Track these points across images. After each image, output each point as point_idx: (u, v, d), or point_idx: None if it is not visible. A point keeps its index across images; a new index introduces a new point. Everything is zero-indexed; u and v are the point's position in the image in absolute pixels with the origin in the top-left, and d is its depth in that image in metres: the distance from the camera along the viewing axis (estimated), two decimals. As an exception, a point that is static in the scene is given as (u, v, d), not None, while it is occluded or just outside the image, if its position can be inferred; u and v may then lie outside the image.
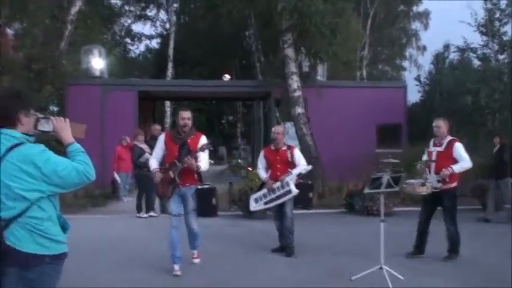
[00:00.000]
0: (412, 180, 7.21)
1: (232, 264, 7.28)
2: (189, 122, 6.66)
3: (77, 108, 16.50)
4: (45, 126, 3.12)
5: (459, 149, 7.24)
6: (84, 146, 3.14)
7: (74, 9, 19.22)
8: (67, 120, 3.19)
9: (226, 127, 44.83)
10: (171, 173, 6.51)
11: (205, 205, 6.20)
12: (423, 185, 7.08)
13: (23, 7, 16.90)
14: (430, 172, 7.29)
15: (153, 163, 6.81)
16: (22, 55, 15.92)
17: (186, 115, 6.67)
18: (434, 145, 7.44)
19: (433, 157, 7.31)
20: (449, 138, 7.39)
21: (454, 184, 7.27)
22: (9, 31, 17.46)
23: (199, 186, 6.77)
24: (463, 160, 7.21)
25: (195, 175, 6.69)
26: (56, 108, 20.24)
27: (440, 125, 7.38)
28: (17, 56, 15.25)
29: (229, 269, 7.02)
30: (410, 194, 7.29)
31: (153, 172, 6.74)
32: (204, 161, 6.58)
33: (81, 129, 3.36)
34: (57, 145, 3.17)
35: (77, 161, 2.98)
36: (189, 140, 6.60)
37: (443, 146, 7.30)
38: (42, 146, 2.95)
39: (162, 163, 6.89)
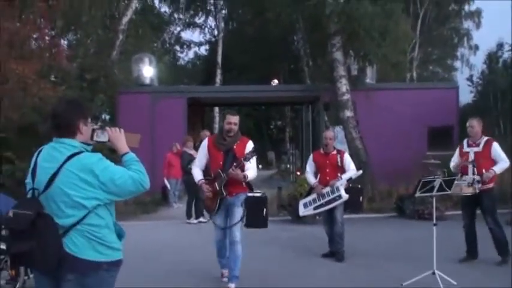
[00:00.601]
0: (459, 182, 7.05)
1: (282, 268, 7.27)
2: (235, 127, 6.08)
3: (127, 116, 16.85)
4: (100, 137, 3.22)
5: (497, 149, 7.13)
6: (135, 153, 3.21)
7: (125, 19, 19.68)
8: (122, 130, 3.28)
9: (275, 132, 44.85)
10: (216, 185, 5.95)
11: (256, 215, 5.72)
12: (470, 185, 6.93)
13: (76, 18, 17.41)
14: (467, 173, 7.10)
15: (197, 173, 6.24)
16: (76, 65, 16.39)
17: (233, 120, 6.10)
18: (469, 145, 7.28)
19: (470, 158, 7.13)
20: (485, 138, 7.27)
21: (492, 184, 7.13)
22: (64, 42, 18.02)
23: (249, 194, 6.20)
24: (502, 160, 7.10)
25: (243, 183, 6.10)
26: (107, 117, 20.75)
27: (474, 124, 7.24)
28: (70, 66, 15.71)
29: (280, 273, 7.00)
30: (457, 195, 7.14)
31: (198, 184, 6.20)
32: (251, 169, 6.00)
33: (136, 139, 3.42)
34: (109, 154, 3.24)
35: (132, 170, 3.06)
36: (234, 147, 6.04)
37: (481, 146, 7.15)
38: (99, 155, 3.03)
39: (206, 172, 6.31)
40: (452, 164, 7.46)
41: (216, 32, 34.82)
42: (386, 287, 6.15)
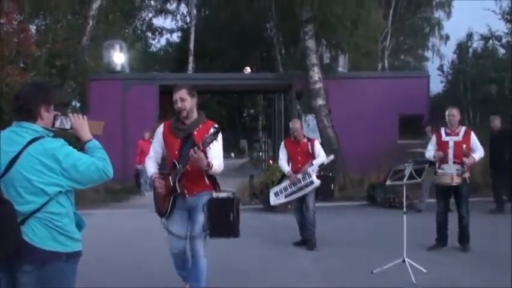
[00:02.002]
0: (444, 171, 7.11)
1: (252, 258, 7.26)
2: (187, 105, 4.70)
3: (98, 103, 16.64)
4: (63, 124, 3.13)
5: (475, 138, 7.27)
6: (106, 140, 3.13)
7: (96, 5, 19.34)
8: (85, 117, 3.20)
9: (247, 120, 44.83)
10: (170, 179, 4.68)
11: (220, 222, 4.61)
12: (458, 175, 7.03)
13: (45, 3, 17.04)
14: (447, 162, 7.18)
15: (150, 166, 5.01)
16: (45, 51, 16.07)
17: (177, 95, 4.72)
18: (448, 134, 7.35)
19: (449, 146, 7.20)
20: (464, 127, 7.40)
21: (468, 173, 7.23)
22: (32, 27, 17.62)
23: (213, 195, 4.72)
24: (480, 149, 7.25)
25: (206, 178, 4.76)
26: (78, 104, 20.44)
27: (455, 113, 7.36)
28: (39, 52, 15.40)
29: (250, 262, 6.99)
30: (447, 185, 7.15)
31: (151, 179, 5.01)
32: (216, 158, 4.64)
33: (99, 127, 3.36)
34: (77, 143, 3.16)
35: (96, 158, 2.98)
36: (195, 132, 4.71)
37: (461, 135, 7.24)
38: (62, 140, 2.95)
39: (164, 165, 5.11)
40: (430, 154, 7.39)
41: (188, 19, 34.49)
42: (357, 275, 6.20)
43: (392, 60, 32.99)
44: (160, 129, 4.97)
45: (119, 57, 18.52)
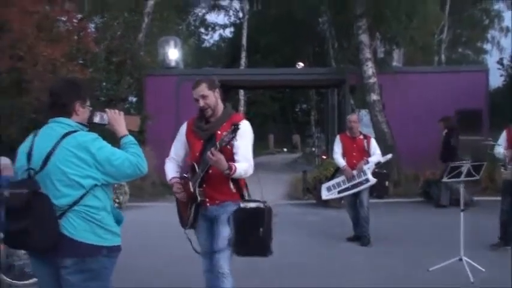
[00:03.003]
0: None
1: (305, 252, 7.30)
2: (210, 102, 4.06)
3: (154, 98, 17.00)
4: (99, 119, 3.18)
5: None
6: (160, 135, 3.19)
7: (151, 2, 19.69)
8: (121, 113, 3.23)
9: (300, 115, 44.69)
10: (190, 185, 4.02)
11: (248, 237, 3.99)
12: None
13: (103, 1, 17.51)
14: None
15: (169, 169, 4.38)
16: (103, 48, 16.51)
17: (198, 92, 4.08)
18: None
19: None
20: None
21: None
22: (91, 25, 18.15)
23: (241, 205, 3.99)
24: None
25: (231, 184, 4.06)
26: (134, 99, 20.93)
27: None
28: (98, 49, 15.84)
29: (303, 257, 7.03)
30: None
31: (169, 183, 4.36)
32: (243, 160, 3.97)
33: (135, 122, 3.40)
34: (112, 141, 3.16)
35: (130, 153, 3.00)
36: (219, 132, 3.99)
37: None
38: (95, 134, 2.99)
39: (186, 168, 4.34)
40: (500, 150, 7.06)
41: (241, 14, 34.76)
42: (413, 272, 6.14)
43: (449, 53, 32.20)
44: (184, 128, 4.34)
45: (173, 53, 18.81)
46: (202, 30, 37.55)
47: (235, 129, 3.69)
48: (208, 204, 4.03)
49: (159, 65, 18.92)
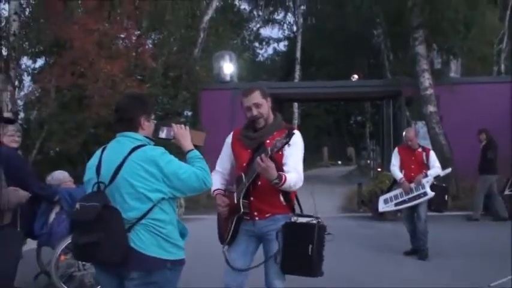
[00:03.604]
0: None
1: (362, 266, 7.22)
2: (263, 111, 3.81)
3: (209, 112, 17.26)
4: (166, 134, 3.24)
5: None
6: (215, 148, 3.22)
7: (206, 18, 20.08)
8: (187, 127, 3.27)
9: (354, 127, 44.32)
10: (235, 196, 3.73)
11: (298, 254, 3.60)
12: None
13: (161, 18, 17.99)
14: None
15: (215, 179, 3.89)
16: (160, 63, 16.93)
17: (251, 100, 3.81)
18: None
19: None
20: None
21: None
22: (148, 41, 18.67)
23: (292, 219, 3.66)
24: None
25: (281, 197, 3.74)
26: (189, 113, 21.30)
27: None
28: (155, 65, 16.25)
29: (360, 271, 6.95)
30: None
31: (213, 196, 3.96)
32: (293, 170, 3.67)
33: (201, 137, 3.38)
34: (178, 154, 3.20)
35: (196, 167, 3.03)
36: (268, 141, 3.68)
37: None
38: (163, 149, 3.03)
39: (233, 180, 3.99)
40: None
41: (295, 28, 34.92)
42: (472, 287, 5.97)
43: (509, 63, 31.24)
44: (229, 138, 4.03)
45: (228, 68, 19.07)
46: (256, 44, 37.95)
47: (289, 134, 3.44)
48: (257, 219, 3.73)
49: (214, 79, 19.21)
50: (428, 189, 7.40)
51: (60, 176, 6.10)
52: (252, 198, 3.71)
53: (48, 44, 15.53)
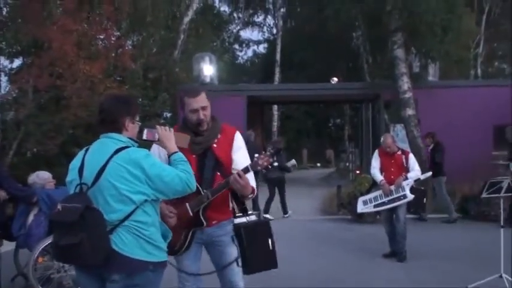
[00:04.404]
0: None
1: (341, 268, 7.24)
2: (208, 114, 3.63)
3: (189, 114, 17.19)
4: (150, 136, 3.22)
5: None
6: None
7: (186, 19, 20.09)
8: (171, 129, 3.27)
9: (333, 130, 44.55)
10: (188, 207, 3.50)
11: (261, 252, 3.68)
12: None
13: (140, 20, 17.91)
14: None
15: None
16: (139, 65, 16.86)
17: (198, 103, 3.56)
18: None
19: None
20: None
21: None
22: (128, 42, 18.56)
23: (240, 220, 3.66)
24: None
25: (230, 203, 3.71)
26: (169, 114, 21.22)
27: None
28: (134, 66, 16.18)
29: (339, 273, 6.97)
30: None
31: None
32: (252, 179, 3.56)
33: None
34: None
35: (180, 170, 3.03)
36: (214, 145, 3.64)
37: None
38: (147, 151, 3.03)
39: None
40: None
41: (274, 31, 35.06)
42: (451, 289, 6.04)
43: (485, 67, 31.75)
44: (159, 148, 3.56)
45: (208, 69, 19.03)
46: (236, 46, 37.97)
47: (277, 152, 3.30)
48: (204, 226, 3.58)
49: (194, 81, 19.16)
50: (408, 192, 7.46)
51: (45, 176, 6.13)
52: (208, 209, 3.59)
53: (26, 45, 15.34)
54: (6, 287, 6.06)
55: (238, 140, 3.68)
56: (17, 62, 17.12)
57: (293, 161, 11.98)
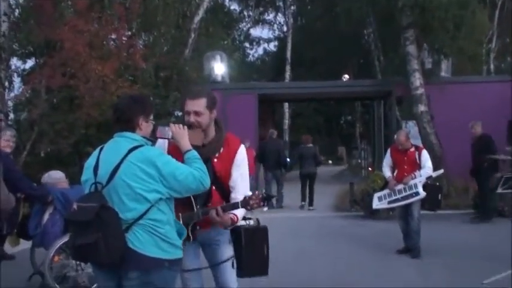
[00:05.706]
0: None
1: (355, 265, 7.23)
2: (203, 121, 3.44)
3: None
4: (164, 134, 3.24)
5: None
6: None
7: (197, 18, 20.08)
8: (185, 127, 3.26)
9: (345, 127, 44.44)
10: (180, 218, 3.40)
11: (257, 257, 3.68)
12: None
13: (151, 19, 17.94)
14: None
15: None
16: (150, 64, 16.87)
17: (193, 106, 3.43)
18: None
19: None
20: None
21: None
22: (139, 42, 18.60)
23: (244, 224, 3.64)
24: None
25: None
26: (180, 113, 21.23)
27: None
28: (146, 65, 16.19)
29: (353, 270, 6.97)
30: None
31: None
32: (242, 198, 3.45)
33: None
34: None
35: (193, 168, 3.03)
36: (215, 160, 3.51)
37: None
38: (160, 149, 3.07)
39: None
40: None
41: (285, 28, 35.03)
42: (466, 285, 6.00)
43: (498, 62, 31.48)
44: (165, 144, 3.46)
45: (219, 68, 19.05)
46: (247, 44, 38.01)
47: (268, 198, 3.43)
48: (201, 230, 3.52)
49: (205, 80, 19.18)
50: (420, 189, 7.42)
51: (57, 175, 6.17)
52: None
53: (38, 45, 15.44)
54: (23, 285, 6.12)
55: (241, 156, 3.54)
56: (30, 63, 17.27)
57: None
